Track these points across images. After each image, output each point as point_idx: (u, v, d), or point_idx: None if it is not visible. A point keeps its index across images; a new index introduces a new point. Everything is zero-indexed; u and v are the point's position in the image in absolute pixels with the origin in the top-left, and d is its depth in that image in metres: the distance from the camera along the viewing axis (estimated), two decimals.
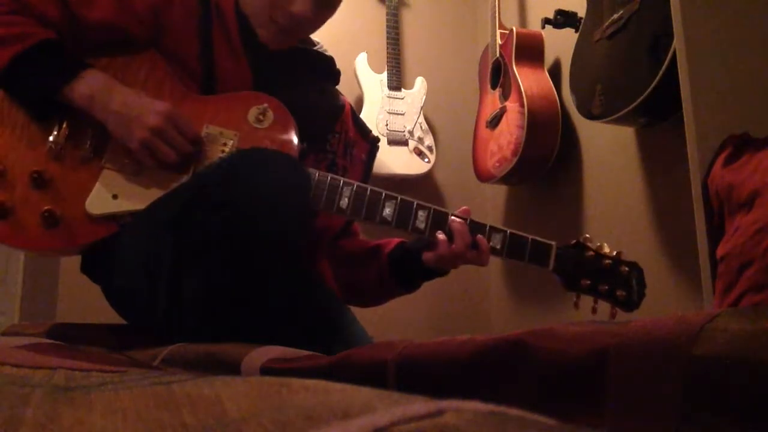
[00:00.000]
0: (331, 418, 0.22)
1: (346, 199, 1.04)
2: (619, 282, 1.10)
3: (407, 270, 1.17)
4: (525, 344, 0.42)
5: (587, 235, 1.15)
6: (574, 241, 1.13)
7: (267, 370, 0.59)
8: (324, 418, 0.22)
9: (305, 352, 0.66)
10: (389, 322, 2.05)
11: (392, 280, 1.19)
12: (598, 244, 1.14)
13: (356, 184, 1.06)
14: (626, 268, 1.11)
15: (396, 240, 1.21)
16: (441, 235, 1.06)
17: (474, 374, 0.45)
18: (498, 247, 1.10)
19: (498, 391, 0.43)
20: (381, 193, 1.06)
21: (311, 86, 1.21)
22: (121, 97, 1.00)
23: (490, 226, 1.10)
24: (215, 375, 0.40)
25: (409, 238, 1.15)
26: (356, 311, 1.21)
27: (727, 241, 0.97)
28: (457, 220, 1.08)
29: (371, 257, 1.22)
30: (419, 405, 0.22)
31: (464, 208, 1.12)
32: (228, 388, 0.32)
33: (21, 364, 0.47)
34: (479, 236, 1.08)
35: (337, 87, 1.29)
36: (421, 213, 1.07)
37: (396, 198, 1.07)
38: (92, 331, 1.06)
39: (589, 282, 1.10)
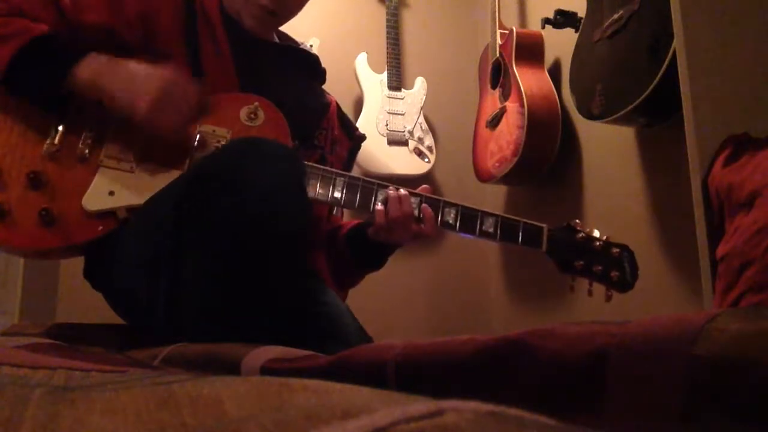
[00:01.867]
0: (331, 418, 0.22)
1: (340, 189, 1.06)
2: (612, 263, 1.12)
3: (364, 248, 1.17)
4: (525, 344, 0.42)
5: (576, 220, 1.16)
6: (565, 224, 1.15)
7: (267, 370, 0.59)
8: (324, 418, 0.22)
9: (305, 352, 0.65)
10: (389, 322, 2.05)
11: (353, 261, 1.20)
12: (588, 229, 1.15)
13: (349, 175, 1.08)
14: (617, 250, 1.12)
15: (353, 222, 1.22)
16: (379, 206, 1.08)
17: (474, 374, 0.45)
18: (491, 230, 1.11)
19: (498, 391, 0.43)
20: (374, 183, 1.08)
21: (298, 84, 1.22)
22: (126, 67, 1.01)
23: (445, 201, 1.11)
24: (215, 375, 0.40)
25: None
26: (356, 311, 1.21)
27: (727, 241, 0.97)
28: (392, 188, 1.09)
29: (334, 238, 1.23)
30: (419, 405, 0.22)
31: (424, 186, 1.14)
32: (228, 388, 0.32)
33: (21, 364, 0.47)
34: (424, 206, 1.09)
35: (323, 86, 1.30)
36: (413, 200, 1.09)
37: (387, 187, 1.09)
38: (92, 331, 1.06)
39: (582, 263, 1.11)
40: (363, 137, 1.34)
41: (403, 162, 2.22)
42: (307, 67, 1.26)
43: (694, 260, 1.08)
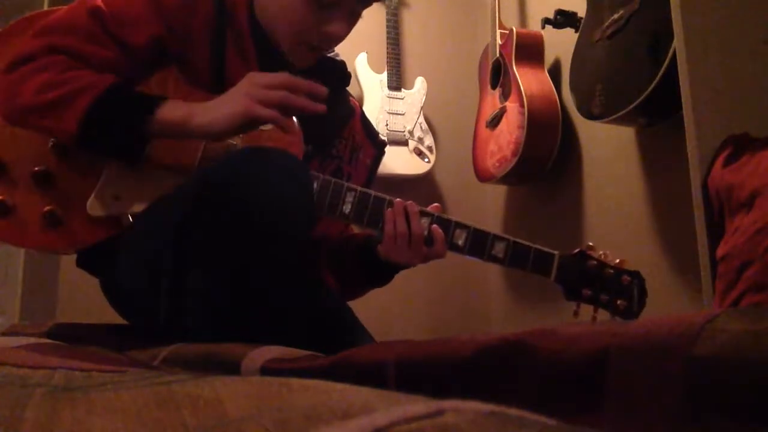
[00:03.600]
0: (331, 418, 0.22)
1: (349, 205, 1.04)
2: (620, 291, 1.10)
3: (372, 266, 1.15)
4: (526, 344, 0.42)
5: (590, 243, 1.15)
6: (577, 249, 1.14)
7: (267, 370, 0.59)
8: (324, 418, 0.22)
9: (305, 352, 0.66)
10: (389, 322, 2.06)
11: (360, 278, 1.18)
12: (601, 252, 1.14)
13: (359, 189, 1.06)
14: (628, 278, 1.11)
15: (363, 234, 1.20)
16: (388, 226, 1.06)
17: (474, 374, 0.45)
18: (500, 255, 1.10)
19: (498, 391, 0.43)
20: (384, 199, 1.07)
21: None
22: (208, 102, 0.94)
23: (456, 222, 1.09)
24: (215, 375, 0.40)
25: None
26: (356, 311, 1.21)
27: (727, 241, 0.97)
28: (400, 203, 1.07)
29: (341, 251, 1.21)
30: (419, 405, 0.22)
31: (434, 204, 1.12)
32: (228, 388, 0.32)
33: (21, 364, 0.47)
34: (434, 226, 1.08)
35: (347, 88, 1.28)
36: (424, 220, 1.08)
37: (397, 203, 1.07)
38: (92, 331, 1.05)
39: (590, 292, 1.10)
40: (385, 143, 1.31)
41: (403, 162, 2.21)
42: (333, 75, 1.21)
43: (694, 260, 1.08)
